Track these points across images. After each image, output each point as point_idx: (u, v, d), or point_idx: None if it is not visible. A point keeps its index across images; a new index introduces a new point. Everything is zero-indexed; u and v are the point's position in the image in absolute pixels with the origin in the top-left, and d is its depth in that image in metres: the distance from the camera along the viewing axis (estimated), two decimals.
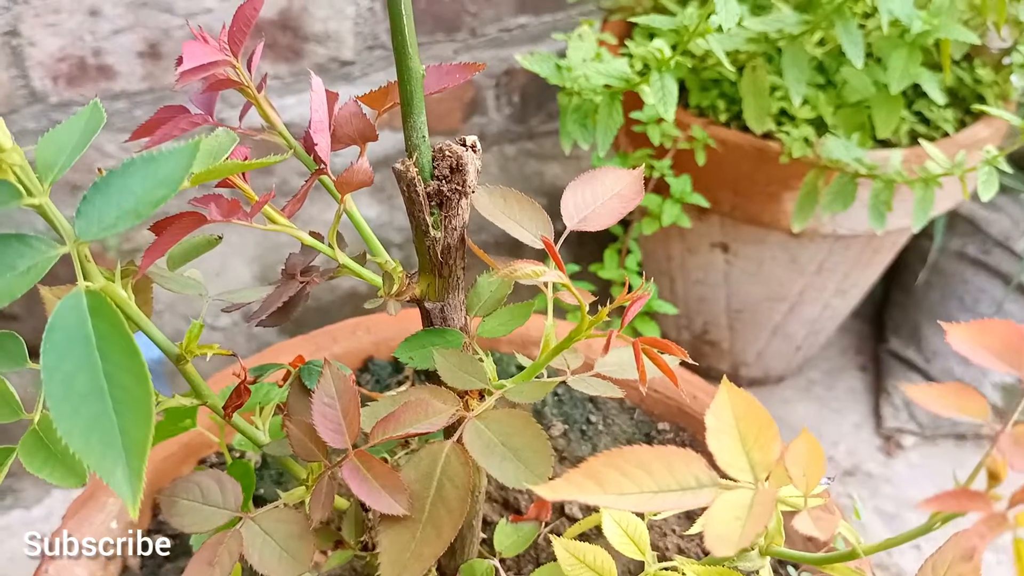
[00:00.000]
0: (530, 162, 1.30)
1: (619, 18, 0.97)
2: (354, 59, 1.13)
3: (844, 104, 0.85)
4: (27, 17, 0.96)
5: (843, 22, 0.71)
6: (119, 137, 1.07)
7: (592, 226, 0.41)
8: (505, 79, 1.25)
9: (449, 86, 0.42)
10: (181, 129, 0.42)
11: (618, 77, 0.67)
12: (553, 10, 1.21)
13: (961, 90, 0.92)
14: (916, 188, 0.71)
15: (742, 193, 0.88)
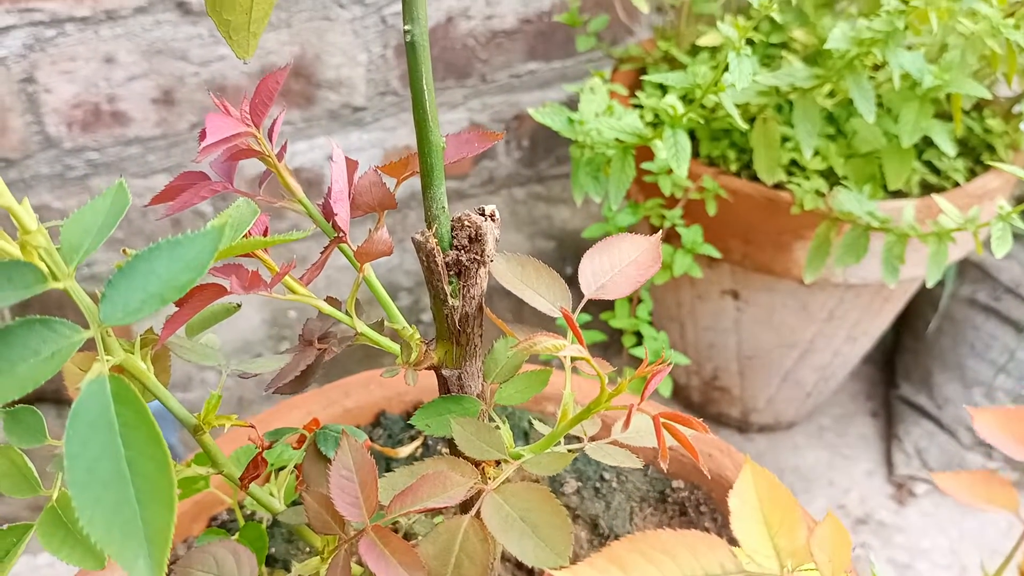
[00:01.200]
0: (539, 205, 1.30)
1: (629, 68, 0.98)
2: (366, 105, 1.14)
3: (855, 154, 0.86)
4: (43, 64, 0.98)
5: (854, 77, 0.71)
6: (133, 182, 1.07)
7: (610, 294, 0.41)
8: (515, 124, 1.26)
9: (468, 155, 0.42)
10: (201, 197, 0.42)
11: (631, 132, 0.67)
12: (563, 56, 1.23)
13: (971, 139, 0.92)
14: (930, 243, 0.71)
15: (753, 242, 0.88)
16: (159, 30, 1.00)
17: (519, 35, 1.18)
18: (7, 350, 0.27)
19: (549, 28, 1.19)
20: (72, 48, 0.98)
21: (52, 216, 1.05)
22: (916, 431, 1.11)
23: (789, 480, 1.10)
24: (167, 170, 1.08)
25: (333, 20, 1.06)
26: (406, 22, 0.36)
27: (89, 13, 0.96)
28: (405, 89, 1.16)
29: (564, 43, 1.21)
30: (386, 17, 1.09)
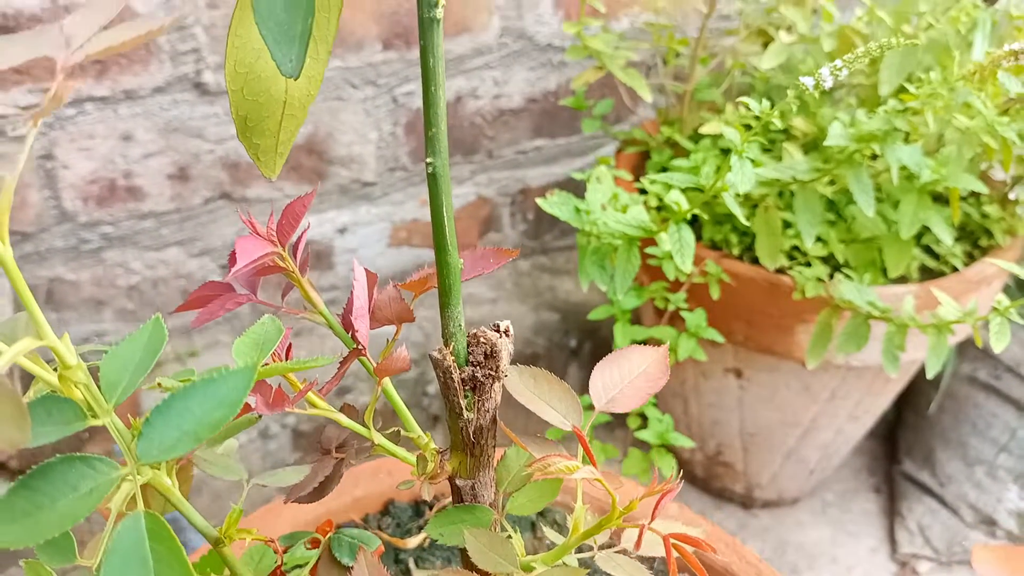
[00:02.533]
0: (543, 277, 1.32)
1: (633, 151, 1.00)
2: (375, 180, 1.17)
3: (855, 239, 0.87)
4: (62, 141, 1.00)
5: (854, 171, 0.73)
6: (144, 255, 1.09)
7: (620, 407, 0.43)
8: (520, 197, 1.28)
9: (484, 272, 0.43)
10: (226, 309, 0.43)
11: (636, 226, 0.69)
12: (568, 133, 1.25)
13: (969, 224, 0.94)
14: (929, 334, 0.72)
15: (756, 324, 0.90)
16: (176, 109, 1.03)
17: (525, 113, 1.21)
18: (48, 486, 0.29)
19: (554, 107, 1.22)
20: (91, 126, 1.00)
21: (65, 288, 1.07)
22: (919, 508, 1.11)
23: (793, 557, 1.10)
24: (180, 243, 1.10)
25: (346, 100, 1.09)
26: (428, 155, 0.38)
27: (108, 93, 0.99)
28: (414, 165, 1.18)
29: (569, 120, 1.24)
30: (397, 97, 1.12)
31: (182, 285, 1.13)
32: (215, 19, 0.99)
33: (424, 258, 1.27)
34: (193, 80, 1.01)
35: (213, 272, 1.14)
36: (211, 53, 1.01)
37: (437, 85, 0.37)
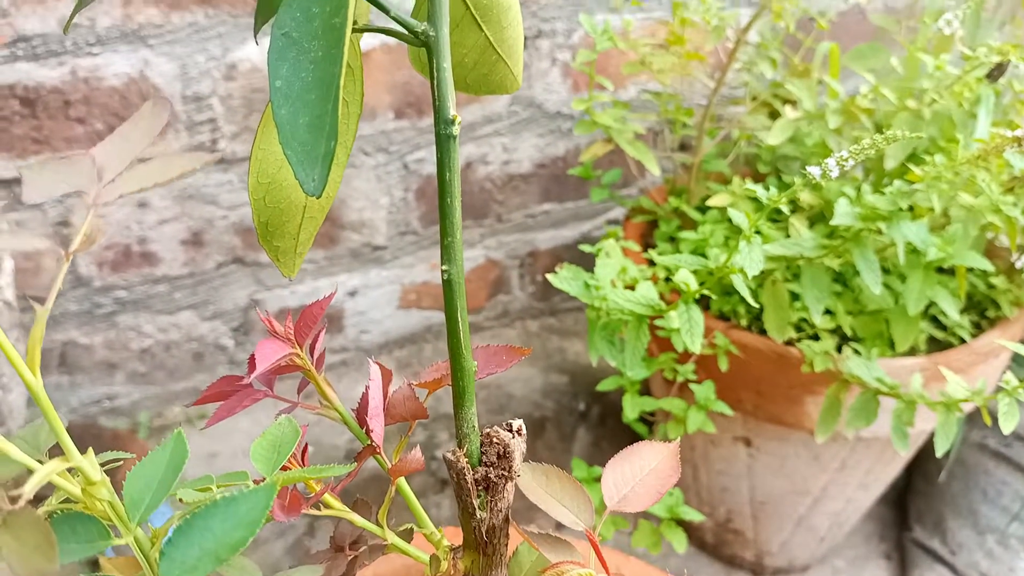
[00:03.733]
0: (552, 338, 1.32)
1: (641, 220, 1.02)
2: (386, 244, 1.18)
3: (863, 311, 0.88)
4: (78, 209, 1.02)
5: (860, 249, 0.74)
6: (157, 318, 1.10)
7: (632, 507, 0.43)
8: (529, 260, 1.30)
9: (497, 371, 0.44)
10: (243, 406, 0.44)
11: (646, 304, 0.70)
12: (576, 198, 1.27)
13: (976, 294, 0.94)
14: (938, 412, 0.72)
15: (764, 395, 0.90)
16: (191, 177, 1.04)
17: (534, 178, 1.23)
18: None
19: (563, 171, 1.24)
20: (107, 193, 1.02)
21: (78, 352, 1.08)
22: None
23: None
24: (192, 306, 1.11)
25: (358, 167, 1.11)
26: (444, 263, 0.39)
27: None
28: (424, 229, 1.20)
29: (577, 185, 1.25)
30: (408, 163, 1.14)
31: (194, 348, 1.14)
32: (231, 90, 1.01)
33: (433, 320, 1.28)
34: (209, 149, 1.03)
35: (224, 335, 1.15)
36: (227, 123, 1.03)
37: (453, 197, 0.39)
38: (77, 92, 0.96)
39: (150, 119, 0.31)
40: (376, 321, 1.24)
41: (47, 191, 0.28)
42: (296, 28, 0.35)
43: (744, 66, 0.93)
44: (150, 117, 0.31)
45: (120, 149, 0.29)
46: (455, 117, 0.38)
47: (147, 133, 0.30)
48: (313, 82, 0.35)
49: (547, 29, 1.12)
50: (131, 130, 0.30)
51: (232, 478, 0.37)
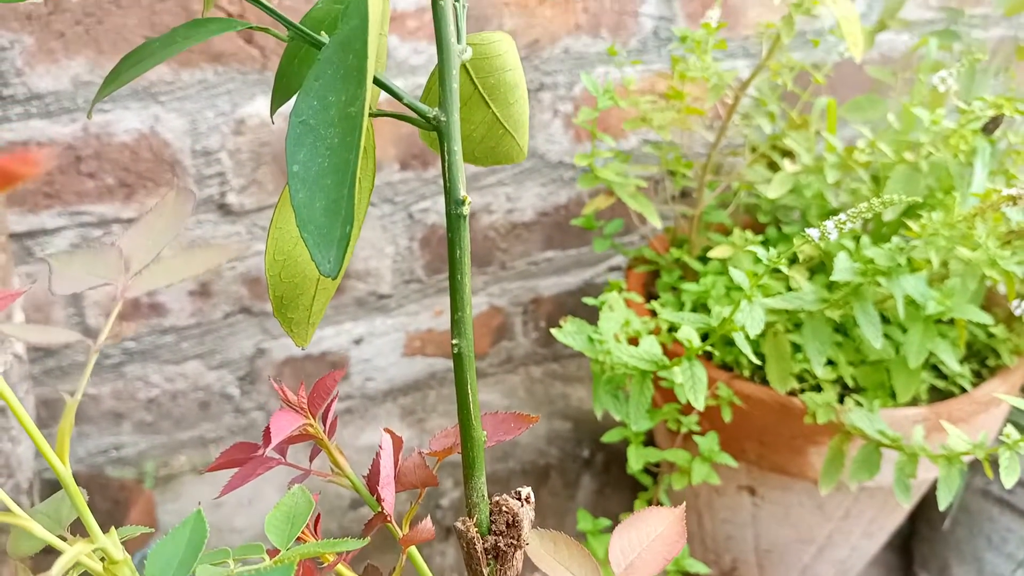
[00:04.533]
0: (556, 384, 1.33)
1: (643, 270, 1.03)
2: (391, 292, 1.19)
3: (864, 360, 0.89)
4: None
5: (860, 303, 0.75)
6: (164, 368, 1.11)
7: (638, 574, 0.44)
8: (532, 307, 1.31)
9: (505, 439, 0.45)
10: (257, 473, 0.45)
11: (649, 360, 0.71)
12: (578, 245, 1.28)
13: (976, 343, 0.95)
14: (940, 464, 0.73)
15: (768, 444, 0.91)
16: (200, 229, 1.06)
17: (537, 226, 1.24)
18: None
19: (565, 220, 1.25)
20: None
21: (86, 402, 1.09)
22: None
23: None
24: (199, 356, 1.12)
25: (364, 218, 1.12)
26: (454, 336, 0.40)
27: (135, 215, 1.03)
28: (429, 277, 1.21)
29: (579, 232, 1.27)
30: (413, 213, 1.16)
31: (200, 397, 1.15)
32: (240, 144, 1.03)
33: (437, 367, 1.29)
34: (217, 202, 1.05)
35: (230, 384, 1.16)
36: (235, 176, 1.04)
37: (463, 274, 0.40)
38: (88, 148, 0.98)
39: (174, 208, 0.32)
40: (381, 369, 1.24)
41: (76, 284, 0.29)
42: (313, 116, 0.37)
43: (743, 120, 0.95)
44: (174, 206, 0.32)
45: (145, 239, 0.30)
46: (465, 198, 0.39)
47: (172, 223, 0.31)
48: (330, 167, 0.36)
49: (549, 82, 1.14)
50: (156, 219, 0.32)
51: (247, 551, 0.38)
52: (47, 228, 1.00)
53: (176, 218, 0.31)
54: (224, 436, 1.19)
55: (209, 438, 1.18)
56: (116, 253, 0.30)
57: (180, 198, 0.32)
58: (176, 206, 0.31)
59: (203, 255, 0.29)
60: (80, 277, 0.30)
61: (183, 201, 0.31)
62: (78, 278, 0.29)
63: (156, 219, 0.32)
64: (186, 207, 0.31)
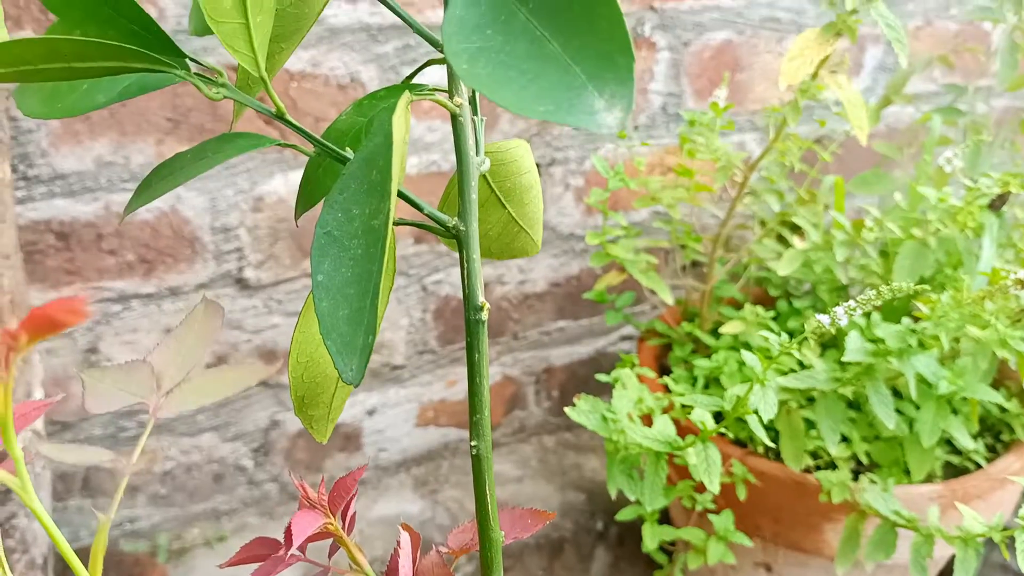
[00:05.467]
0: (569, 454, 1.33)
1: (655, 343, 1.04)
2: (404, 363, 1.20)
3: (878, 436, 0.89)
4: (107, 336, 1.05)
5: (873, 383, 0.76)
6: (180, 440, 1.12)
7: None
8: (544, 376, 1.31)
9: (523, 536, 0.46)
10: (278, 570, 0.46)
11: (663, 441, 0.71)
12: (590, 315, 1.29)
13: (989, 418, 0.95)
14: (956, 546, 0.73)
15: (783, 522, 0.90)
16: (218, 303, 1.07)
17: (549, 297, 1.26)
18: None
19: (577, 290, 1.26)
20: (135, 321, 1.05)
21: (101, 476, 1.10)
22: None
23: None
24: (214, 428, 1.13)
25: None
26: (473, 438, 0.41)
27: (154, 290, 1.04)
28: (442, 347, 1.22)
29: (591, 302, 1.28)
30: (427, 285, 1.17)
31: (214, 469, 1.15)
32: (258, 221, 1.05)
33: (450, 437, 1.29)
34: (235, 276, 1.07)
35: (244, 456, 1.16)
36: (252, 252, 1.06)
37: (482, 377, 0.41)
38: (109, 225, 1.00)
39: (204, 321, 0.33)
40: (394, 439, 1.25)
41: (108, 403, 0.30)
42: (337, 227, 0.38)
43: (752, 197, 0.97)
44: (203, 319, 0.33)
45: (176, 354, 0.31)
46: (484, 304, 0.40)
47: (202, 338, 0.32)
48: (353, 278, 0.38)
49: (560, 157, 1.17)
50: (186, 333, 0.33)
51: None
52: None
53: (206, 332, 0.32)
54: (237, 508, 1.19)
55: (222, 510, 1.18)
56: (148, 370, 0.31)
57: (209, 311, 0.33)
58: (205, 320, 0.33)
59: (234, 375, 0.30)
60: (112, 394, 0.31)
61: (212, 315, 0.32)
62: (111, 395, 0.31)
63: (186, 333, 0.33)
64: (216, 321, 0.32)
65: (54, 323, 0.23)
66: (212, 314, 0.32)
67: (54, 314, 0.22)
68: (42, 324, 0.22)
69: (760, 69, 1.24)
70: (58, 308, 0.22)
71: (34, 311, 0.22)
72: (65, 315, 0.22)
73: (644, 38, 1.15)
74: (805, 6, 1.23)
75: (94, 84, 0.39)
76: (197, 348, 0.31)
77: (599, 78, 0.31)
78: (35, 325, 0.22)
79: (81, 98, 0.39)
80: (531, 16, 0.33)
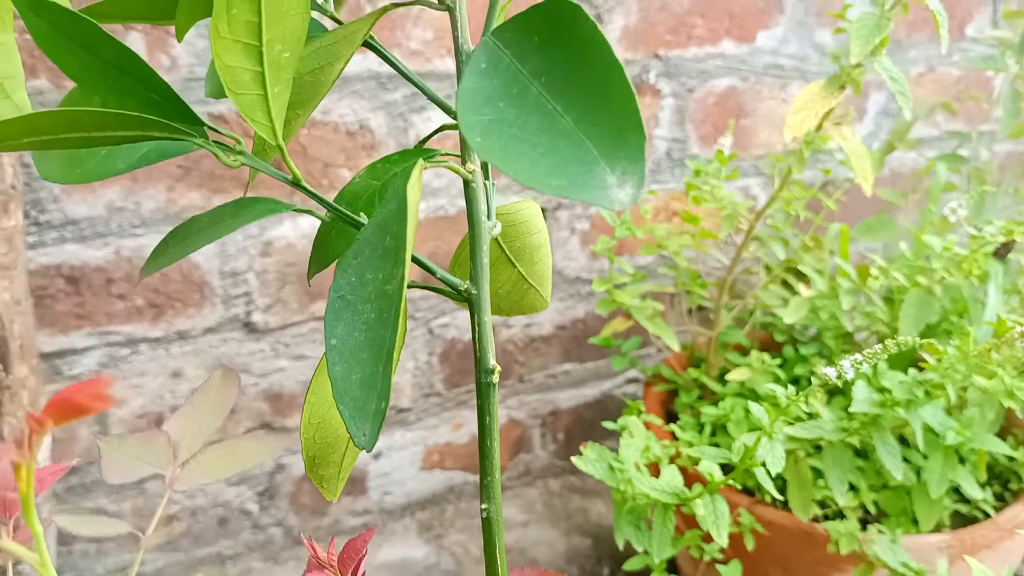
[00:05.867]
0: (574, 498, 1.32)
1: (662, 389, 1.04)
2: (411, 406, 1.20)
3: (886, 485, 0.89)
4: (115, 379, 1.05)
5: (880, 434, 0.76)
6: None
7: None
8: (550, 419, 1.31)
9: None
10: None
11: (671, 493, 0.71)
12: (596, 358, 1.29)
13: (997, 466, 0.95)
14: None
15: (792, 572, 0.90)
16: (225, 346, 1.08)
17: (554, 339, 1.26)
18: None
19: (583, 333, 1.27)
20: (144, 364, 1.06)
21: None
22: None
23: None
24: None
25: None
26: (483, 501, 0.41)
27: (162, 334, 1.05)
28: (448, 390, 1.22)
29: (597, 345, 1.28)
30: (433, 328, 1.17)
31: (219, 513, 1.15)
32: (266, 265, 1.06)
33: (455, 480, 1.28)
34: (243, 320, 1.07)
35: (249, 500, 1.16)
36: (261, 296, 1.07)
37: (492, 439, 0.41)
38: (120, 270, 1.01)
39: (219, 390, 0.33)
40: (399, 483, 1.24)
41: (126, 473, 0.30)
42: (351, 291, 0.39)
43: (757, 244, 0.97)
44: (219, 388, 0.33)
45: (192, 423, 0.32)
46: (495, 367, 0.41)
47: (219, 406, 0.32)
48: (366, 342, 0.38)
49: (566, 201, 1.17)
50: (202, 401, 0.33)
51: None
52: (76, 348, 1.02)
53: (222, 401, 0.32)
54: (242, 552, 1.18)
55: (227, 555, 1.18)
56: (164, 440, 0.31)
57: (225, 380, 0.33)
58: (221, 388, 0.33)
59: (251, 449, 0.31)
60: (130, 464, 0.31)
61: (228, 383, 0.33)
62: (128, 465, 0.31)
63: (202, 401, 0.33)
64: (232, 390, 0.33)
65: (79, 409, 0.23)
66: (228, 382, 0.33)
67: (79, 399, 0.23)
68: (67, 409, 0.23)
69: (764, 114, 1.25)
70: (83, 393, 0.23)
71: (59, 396, 0.23)
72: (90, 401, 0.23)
73: (649, 85, 1.17)
74: (808, 52, 1.25)
75: (113, 151, 0.40)
76: (213, 418, 0.32)
77: (611, 155, 0.31)
78: (60, 410, 0.23)
79: (100, 164, 0.40)
80: (543, 90, 0.34)
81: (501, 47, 0.36)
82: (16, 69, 0.42)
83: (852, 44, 0.72)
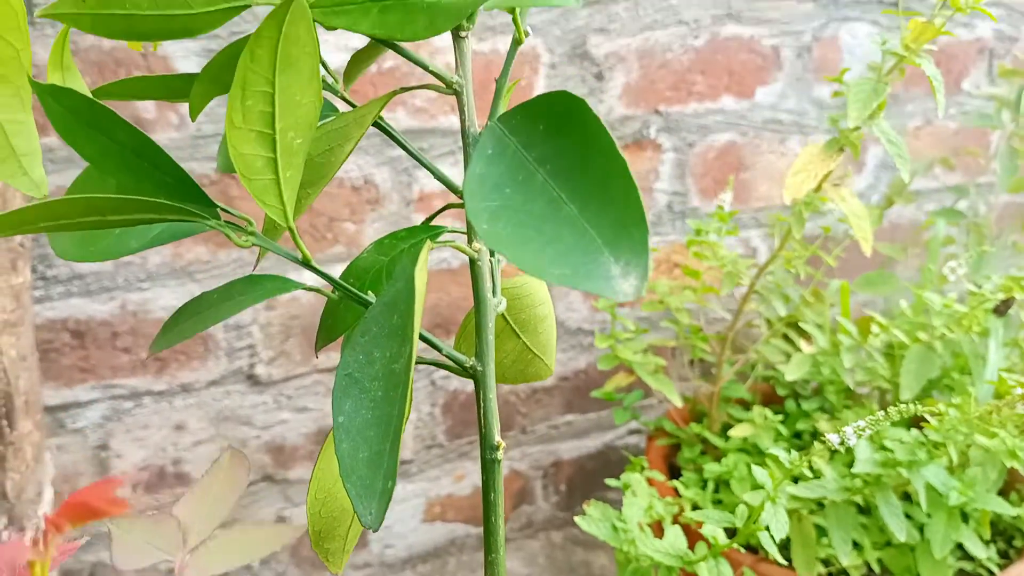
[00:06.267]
0: (577, 551, 1.32)
1: (664, 443, 1.04)
2: (412, 458, 1.20)
3: (889, 543, 0.88)
4: (118, 432, 1.05)
5: (883, 494, 0.76)
6: None
7: None
8: (552, 470, 1.31)
9: None
10: None
11: (675, 555, 0.71)
12: (598, 408, 1.30)
13: (1000, 523, 0.95)
14: None
15: None
16: (228, 399, 1.08)
17: (557, 391, 1.26)
18: None
19: (585, 384, 1.27)
20: (147, 417, 1.06)
21: (106, 572, 1.09)
22: None
23: None
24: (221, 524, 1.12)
25: None
26: (489, 551, 0.41)
27: (166, 387, 1.05)
28: (450, 442, 1.22)
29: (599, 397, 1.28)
30: (435, 380, 1.18)
31: None
32: (270, 318, 1.06)
33: (457, 532, 1.28)
34: (247, 373, 1.07)
35: None
36: (264, 348, 1.07)
37: (497, 516, 0.41)
38: (125, 324, 1.01)
39: (228, 471, 0.34)
40: (400, 535, 1.24)
41: (137, 559, 0.30)
42: (358, 369, 0.39)
43: (759, 299, 0.98)
44: (228, 470, 0.34)
45: (202, 506, 0.32)
46: (500, 443, 0.41)
47: (228, 490, 0.33)
48: (373, 420, 0.38)
49: None
50: (211, 483, 0.34)
51: None
52: (80, 401, 1.02)
53: (231, 484, 0.33)
54: None
55: None
56: (174, 525, 0.31)
57: (234, 461, 0.34)
58: (230, 470, 0.33)
59: (261, 537, 0.31)
60: (141, 548, 0.31)
61: (237, 466, 0.33)
62: (139, 550, 0.31)
63: (211, 483, 0.34)
64: (241, 472, 0.33)
65: (95, 512, 0.23)
66: (237, 465, 0.33)
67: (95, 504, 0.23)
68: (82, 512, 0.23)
69: (763, 168, 1.26)
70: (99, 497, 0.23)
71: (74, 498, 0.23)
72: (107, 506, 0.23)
73: (650, 140, 1.18)
74: (807, 108, 1.26)
75: (126, 231, 0.41)
76: (222, 502, 0.32)
77: (615, 245, 0.32)
78: (75, 513, 0.23)
79: (114, 243, 0.41)
80: (549, 177, 0.35)
81: (507, 133, 0.37)
82: (34, 147, 0.43)
83: (850, 108, 0.74)
